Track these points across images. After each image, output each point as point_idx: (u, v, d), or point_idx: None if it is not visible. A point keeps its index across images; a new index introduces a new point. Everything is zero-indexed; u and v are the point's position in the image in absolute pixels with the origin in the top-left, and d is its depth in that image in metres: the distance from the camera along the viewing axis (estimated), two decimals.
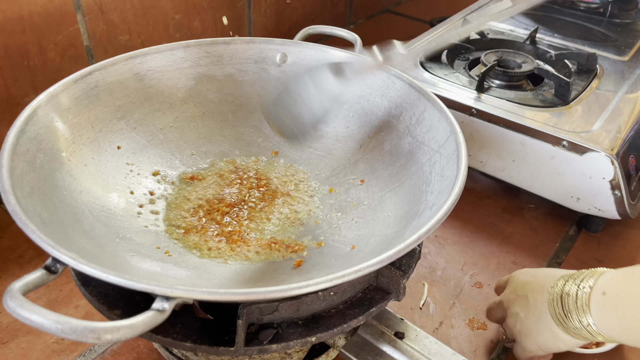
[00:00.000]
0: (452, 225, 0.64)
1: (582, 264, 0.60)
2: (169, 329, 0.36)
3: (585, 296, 0.38)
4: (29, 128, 0.41)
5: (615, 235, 0.64)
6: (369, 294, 0.39)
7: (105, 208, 0.43)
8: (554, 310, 0.40)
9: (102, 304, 0.37)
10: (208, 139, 0.53)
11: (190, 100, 0.53)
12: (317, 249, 0.43)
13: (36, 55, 0.59)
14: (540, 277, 0.44)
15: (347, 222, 0.46)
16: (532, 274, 0.45)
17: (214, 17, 0.76)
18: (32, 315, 0.26)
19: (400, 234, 0.39)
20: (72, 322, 0.26)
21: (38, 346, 0.48)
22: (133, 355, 0.48)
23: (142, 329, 0.28)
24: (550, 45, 0.79)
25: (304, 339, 0.36)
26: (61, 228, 0.37)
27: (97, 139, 0.47)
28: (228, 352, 0.35)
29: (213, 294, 0.29)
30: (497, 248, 0.61)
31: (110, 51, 0.65)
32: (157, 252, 0.42)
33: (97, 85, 0.48)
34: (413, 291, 0.55)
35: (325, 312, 0.37)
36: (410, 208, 0.42)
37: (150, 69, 0.51)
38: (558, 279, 0.41)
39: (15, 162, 0.38)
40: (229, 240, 0.44)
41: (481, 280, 0.57)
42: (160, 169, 0.50)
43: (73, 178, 0.43)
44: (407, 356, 0.41)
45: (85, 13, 0.61)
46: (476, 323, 0.53)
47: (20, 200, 0.35)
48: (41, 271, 0.31)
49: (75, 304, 0.52)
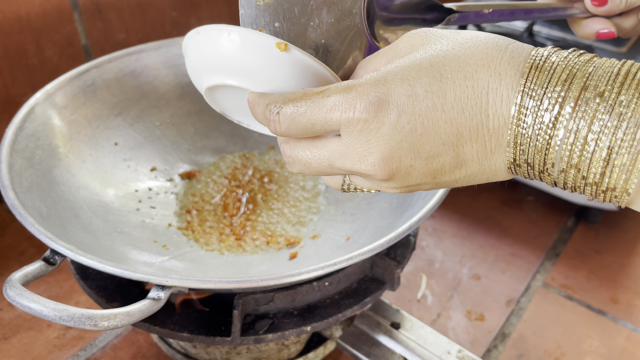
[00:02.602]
0: (450, 218, 0.64)
1: (580, 255, 0.60)
2: (166, 321, 0.36)
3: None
4: (27, 125, 0.41)
5: (614, 226, 0.64)
6: (363, 284, 0.39)
7: (103, 203, 0.44)
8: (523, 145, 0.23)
9: (101, 297, 0.37)
10: (204, 135, 0.54)
11: (187, 97, 0.54)
12: (313, 241, 0.44)
13: (34, 55, 0.59)
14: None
15: (342, 214, 0.46)
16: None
17: (211, 14, 0.76)
18: (31, 303, 0.27)
19: (393, 224, 0.39)
20: (69, 309, 0.27)
21: (39, 341, 0.49)
22: (133, 350, 0.49)
23: (138, 317, 0.28)
24: (547, 37, 0.79)
25: (300, 328, 0.36)
26: (59, 222, 0.37)
27: (94, 136, 0.47)
28: (224, 342, 0.35)
29: (207, 283, 0.29)
30: (495, 240, 0.61)
31: (107, 50, 0.65)
32: (154, 246, 0.42)
33: (94, 83, 0.48)
34: (411, 283, 0.56)
35: (320, 302, 0.38)
36: (404, 199, 0.42)
37: (147, 66, 0.52)
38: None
39: (14, 158, 0.38)
40: (226, 233, 0.45)
41: (479, 272, 0.57)
42: (157, 164, 0.50)
43: (71, 174, 0.43)
44: (403, 346, 0.41)
45: (83, 12, 0.62)
46: (474, 314, 0.53)
47: (19, 195, 0.35)
48: (40, 262, 0.31)
49: (75, 300, 0.53)
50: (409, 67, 0.24)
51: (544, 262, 0.59)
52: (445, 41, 0.25)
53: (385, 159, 0.24)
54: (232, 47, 0.26)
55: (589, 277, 0.57)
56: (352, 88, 0.24)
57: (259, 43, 0.25)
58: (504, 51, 0.23)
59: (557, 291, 0.56)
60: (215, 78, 0.27)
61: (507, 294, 0.55)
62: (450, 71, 0.23)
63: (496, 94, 0.23)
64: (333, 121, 0.24)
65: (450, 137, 0.23)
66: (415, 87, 0.23)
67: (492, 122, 0.23)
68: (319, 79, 0.27)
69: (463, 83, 0.23)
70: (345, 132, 0.24)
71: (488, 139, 0.23)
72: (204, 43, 0.26)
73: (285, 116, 0.25)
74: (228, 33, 0.25)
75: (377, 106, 0.23)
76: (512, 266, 0.58)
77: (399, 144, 0.23)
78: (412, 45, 0.25)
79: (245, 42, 0.25)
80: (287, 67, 0.26)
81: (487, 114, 0.23)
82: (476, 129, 0.23)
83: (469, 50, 0.24)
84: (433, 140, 0.23)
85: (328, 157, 0.25)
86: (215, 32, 0.26)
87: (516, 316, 0.53)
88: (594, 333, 0.51)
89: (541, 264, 0.59)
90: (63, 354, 0.48)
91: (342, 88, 0.24)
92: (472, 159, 0.24)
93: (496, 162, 0.24)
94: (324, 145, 0.25)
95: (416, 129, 0.23)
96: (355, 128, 0.24)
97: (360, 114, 0.23)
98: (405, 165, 0.24)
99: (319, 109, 0.24)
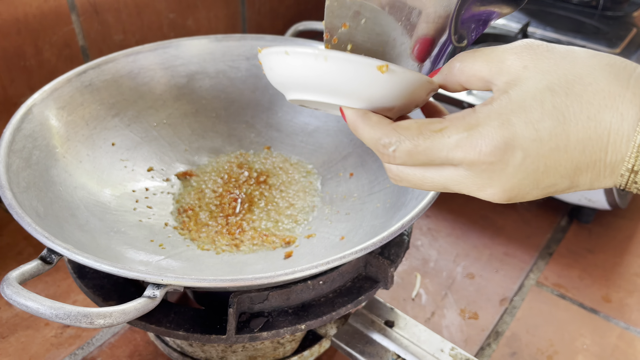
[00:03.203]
0: (444, 218, 0.65)
1: (573, 254, 0.60)
2: (162, 319, 0.37)
3: None
4: (25, 126, 0.42)
5: (607, 225, 0.64)
6: (358, 283, 0.40)
7: (100, 203, 0.44)
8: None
9: (98, 296, 0.38)
10: (201, 135, 0.54)
11: (183, 97, 0.54)
12: (308, 240, 0.44)
13: (32, 56, 0.60)
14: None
15: (337, 214, 0.47)
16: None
17: (208, 15, 0.77)
18: (28, 301, 0.27)
19: (387, 224, 0.40)
20: (66, 307, 0.27)
21: (37, 340, 0.49)
22: (130, 348, 0.49)
23: (133, 315, 0.29)
24: (542, 38, 0.79)
25: (294, 326, 0.37)
26: (56, 222, 0.38)
27: (91, 136, 0.48)
28: (220, 340, 0.36)
29: (202, 281, 0.30)
30: (489, 240, 0.62)
31: (105, 51, 0.66)
32: (150, 245, 0.42)
33: (91, 84, 0.49)
34: (406, 282, 0.56)
35: (314, 301, 0.38)
36: (398, 199, 0.43)
37: (144, 67, 0.52)
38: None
39: (12, 159, 0.39)
40: (222, 233, 0.45)
41: (473, 271, 0.58)
42: (154, 165, 0.51)
43: (68, 174, 0.44)
44: (397, 344, 0.42)
45: (80, 13, 0.62)
46: (468, 313, 0.53)
47: (17, 194, 0.36)
48: (37, 261, 0.32)
49: (73, 299, 0.53)
50: (531, 107, 0.24)
51: (537, 261, 0.60)
52: (561, 67, 0.24)
53: (505, 191, 0.25)
54: (328, 71, 0.25)
55: (581, 276, 0.58)
56: (474, 128, 0.24)
57: (358, 69, 0.25)
58: (626, 87, 0.24)
59: (550, 290, 0.56)
60: (307, 95, 0.27)
61: (501, 292, 0.56)
62: (574, 113, 0.24)
63: (617, 133, 0.24)
64: (455, 160, 0.24)
65: (568, 172, 0.25)
66: (540, 132, 0.24)
67: (610, 157, 0.24)
68: (419, 89, 0.27)
69: (586, 124, 0.24)
70: (466, 168, 0.25)
71: (603, 170, 0.25)
72: (295, 64, 0.26)
73: (402, 153, 0.25)
74: (325, 59, 0.25)
75: (503, 150, 0.24)
76: (506, 265, 0.59)
77: (521, 181, 0.25)
78: (525, 67, 0.25)
79: (344, 67, 0.25)
80: (387, 86, 0.25)
81: (606, 151, 0.24)
82: (593, 163, 0.25)
83: (591, 86, 0.24)
84: (553, 175, 0.25)
85: (443, 182, 0.26)
86: (309, 57, 0.25)
87: (509, 315, 0.53)
88: (587, 331, 0.52)
89: (534, 263, 0.59)
90: (60, 353, 0.48)
91: (464, 127, 0.24)
92: (584, 184, 0.26)
93: (606, 184, 0.26)
94: (440, 172, 0.26)
95: (539, 168, 0.24)
96: (478, 168, 0.24)
97: (486, 157, 0.24)
98: (523, 194, 0.25)
99: (439, 148, 0.24)
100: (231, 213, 0.47)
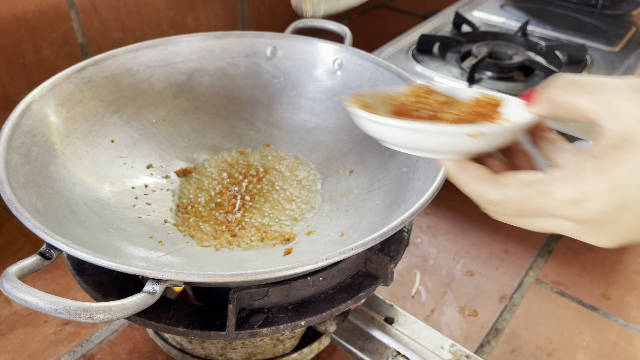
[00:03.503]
0: (444, 215, 0.65)
1: (572, 252, 0.60)
2: (162, 315, 0.37)
3: None
4: (24, 122, 0.42)
5: None
6: (357, 279, 0.40)
7: (99, 199, 0.44)
8: None
9: (97, 292, 0.38)
10: (200, 133, 0.54)
11: (183, 95, 0.54)
12: (307, 237, 0.44)
13: (31, 53, 0.60)
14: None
15: (336, 210, 0.47)
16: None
17: (207, 13, 0.77)
18: (27, 296, 0.27)
19: (386, 220, 0.40)
20: (65, 302, 0.27)
21: (36, 337, 0.49)
22: (129, 345, 0.49)
23: (133, 310, 0.29)
24: (541, 37, 0.79)
25: (294, 322, 0.36)
26: (56, 218, 0.38)
27: (91, 133, 0.47)
28: (219, 336, 0.36)
29: (202, 276, 0.30)
30: (488, 237, 0.62)
31: (104, 48, 0.65)
32: (150, 242, 0.42)
33: (91, 80, 0.49)
34: (405, 280, 0.56)
35: (314, 297, 0.38)
36: (398, 195, 0.43)
37: (143, 64, 0.52)
38: None
39: (11, 155, 0.39)
40: (221, 230, 0.45)
41: (472, 269, 0.58)
42: (153, 161, 0.51)
43: (67, 170, 0.43)
44: (396, 340, 0.42)
45: (79, 11, 0.62)
46: (467, 310, 0.53)
47: (16, 190, 0.36)
48: (36, 257, 0.32)
49: (72, 296, 0.53)
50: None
51: (536, 258, 0.60)
52: None
53: (614, 241, 0.26)
54: (423, 141, 0.27)
55: (581, 274, 0.58)
56: (583, 191, 0.24)
57: (450, 139, 0.26)
58: None
59: (549, 287, 0.56)
60: (402, 150, 0.29)
61: (500, 290, 0.56)
62: None
63: None
64: (563, 216, 0.25)
65: None
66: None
67: None
68: (513, 135, 0.28)
69: None
70: (576, 223, 0.25)
71: None
72: (392, 131, 0.28)
73: (509, 210, 0.27)
74: (419, 132, 0.27)
75: (613, 214, 0.24)
76: (505, 263, 0.59)
77: (626, 233, 0.25)
78: (637, 120, 0.24)
79: (436, 139, 0.27)
80: (482, 145, 0.27)
81: None
82: None
83: None
84: None
85: (550, 228, 0.27)
86: (406, 132, 0.27)
87: (509, 312, 0.53)
88: (586, 329, 0.52)
89: (534, 260, 0.59)
90: (59, 350, 0.48)
91: (572, 188, 0.24)
92: None
93: None
94: (547, 222, 0.27)
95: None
96: (585, 225, 0.25)
97: (596, 219, 0.25)
98: (631, 240, 0.26)
99: (545, 210, 0.25)
100: (231, 210, 0.47)
